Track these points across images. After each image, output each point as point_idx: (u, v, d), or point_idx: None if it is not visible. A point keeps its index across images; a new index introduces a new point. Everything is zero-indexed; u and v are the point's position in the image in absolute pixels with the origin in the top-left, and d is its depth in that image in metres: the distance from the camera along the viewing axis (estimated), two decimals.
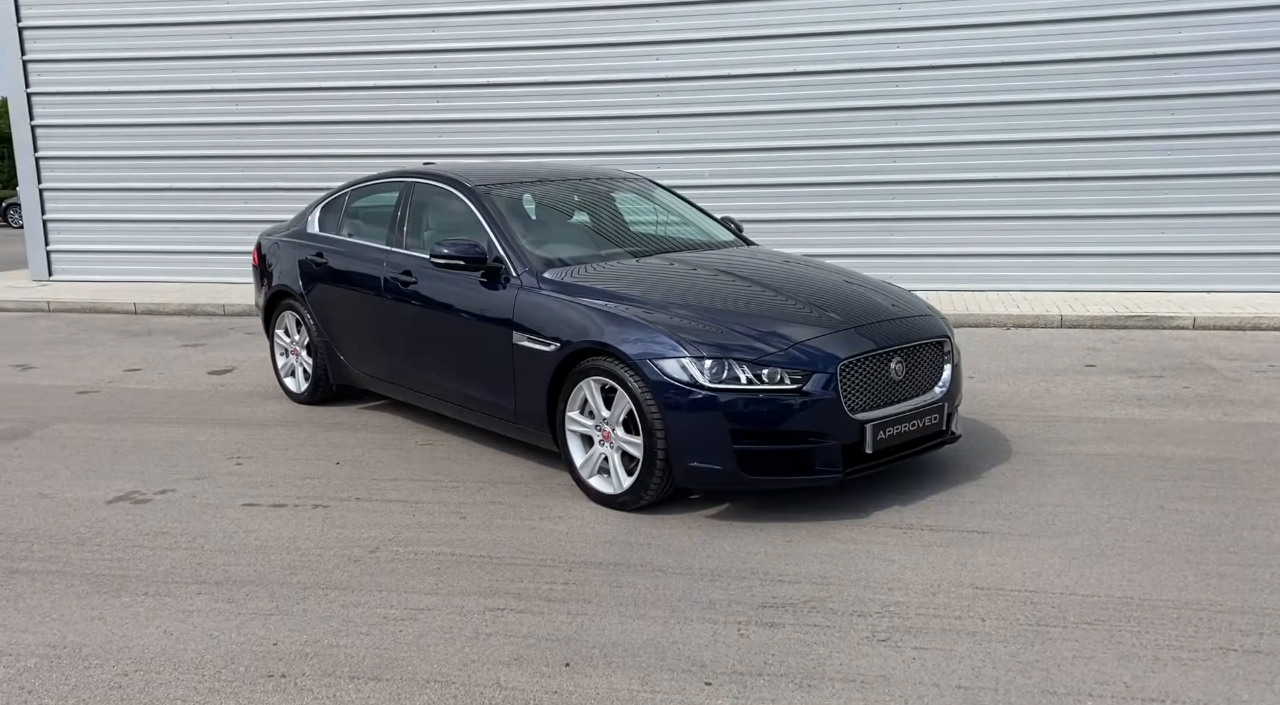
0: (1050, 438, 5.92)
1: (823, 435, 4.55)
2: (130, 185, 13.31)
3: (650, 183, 6.80)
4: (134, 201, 13.35)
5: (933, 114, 11.01)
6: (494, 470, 5.53)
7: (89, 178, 13.43)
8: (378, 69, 12.34)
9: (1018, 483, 5.15)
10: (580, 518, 4.79)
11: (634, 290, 5.05)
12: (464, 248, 5.43)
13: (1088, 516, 4.68)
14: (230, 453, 5.95)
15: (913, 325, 5.01)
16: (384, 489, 5.27)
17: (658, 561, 4.26)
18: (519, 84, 11.99)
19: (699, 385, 4.51)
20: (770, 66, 11.30)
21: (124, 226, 13.44)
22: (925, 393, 4.95)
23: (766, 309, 4.90)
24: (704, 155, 11.66)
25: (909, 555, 4.28)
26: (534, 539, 4.54)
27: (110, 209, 13.42)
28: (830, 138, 11.28)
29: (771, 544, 4.43)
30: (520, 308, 5.25)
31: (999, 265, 11.09)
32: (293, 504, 5.07)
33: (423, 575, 4.17)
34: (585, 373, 4.88)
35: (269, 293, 7.20)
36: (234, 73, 12.74)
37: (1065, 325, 9.45)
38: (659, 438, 4.59)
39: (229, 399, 7.30)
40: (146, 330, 10.47)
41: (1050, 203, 10.91)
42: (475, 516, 4.84)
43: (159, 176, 13.22)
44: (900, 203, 11.25)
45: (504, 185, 6.06)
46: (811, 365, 4.57)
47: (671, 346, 4.61)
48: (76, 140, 13.38)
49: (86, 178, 13.43)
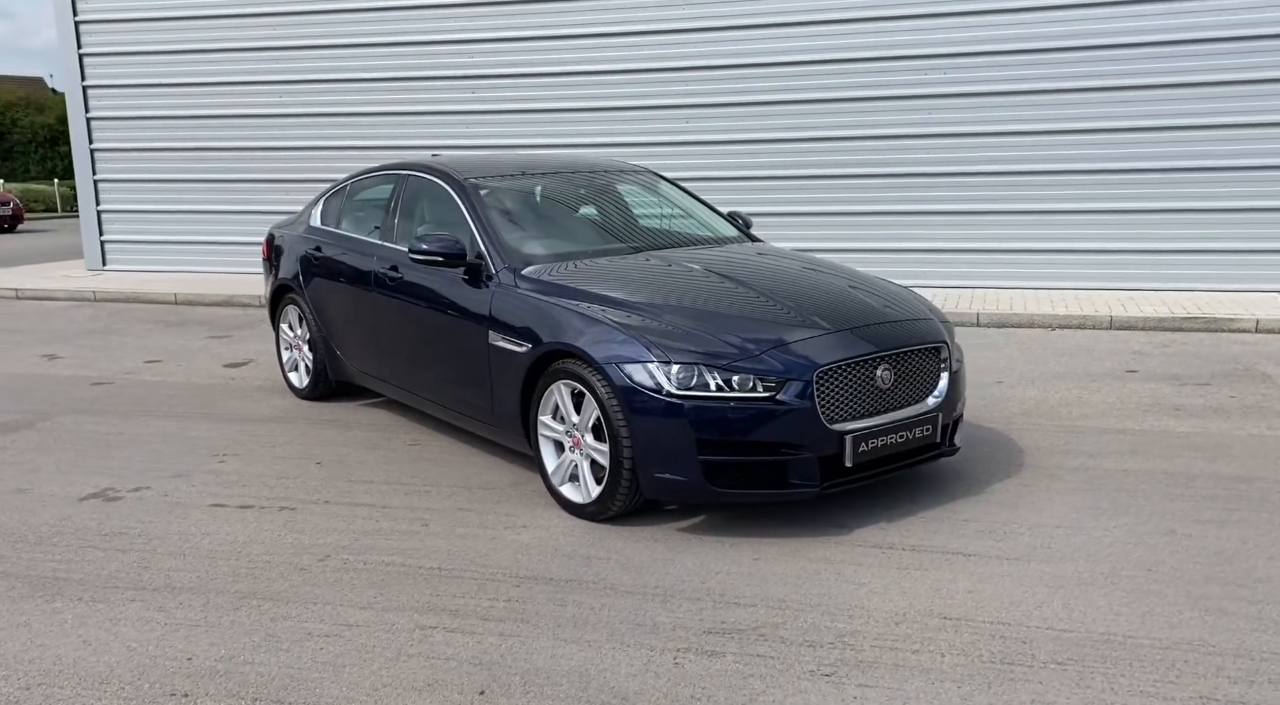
0: (1069, 450, 5.53)
1: (797, 447, 4.26)
2: (180, 176, 13.47)
3: (655, 176, 6.55)
4: (184, 192, 13.50)
5: (977, 103, 10.53)
6: (474, 474, 5.34)
7: (141, 169, 13.62)
8: (416, 60, 12.26)
9: (1020, 500, 4.80)
10: (546, 528, 4.57)
11: (612, 290, 4.81)
12: (443, 244, 5.25)
13: (1088, 539, 4.31)
14: (217, 450, 5.87)
15: (905, 329, 4.69)
16: (356, 492, 5.12)
17: (612, 578, 4.03)
18: (548, 74, 11.81)
19: (664, 392, 4.26)
20: (804, 54, 10.92)
21: (174, 217, 13.61)
22: (916, 403, 4.62)
23: (747, 311, 4.62)
24: (733, 146, 11.33)
25: (881, 578, 3.98)
26: (491, 550, 4.33)
27: (161, 200, 13.60)
28: (869, 128, 10.87)
29: (737, 562, 4.16)
30: (496, 306, 5.05)
31: (1049, 263, 10.58)
32: (260, 506, 4.94)
33: (364, 587, 3.99)
34: (556, 376, 4.66)
35: (273, 286, 7.12)
36: (279, 64, 12.78)
37: (1115, 327, 8.95)
38: (624, 446, 4.35)
39: (236, 393, 7.24)
40: (181, 321, 10.53)
41: (1105, 196, 10.36)
42: (439, 524, 4.66)
43: (208, 168, 13.35)
44: (942, 196, 10.80)
45: (496, 179, 5.87)
46: (786, 372, 4.28)
47: (639, 350, 4.36)
48: (129, 132, 13.58)
49: (139, 169, 13.63)
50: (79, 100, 13.58)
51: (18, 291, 12.43)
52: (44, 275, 13.67)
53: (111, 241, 13.95)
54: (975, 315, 9.25)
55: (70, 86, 13.61)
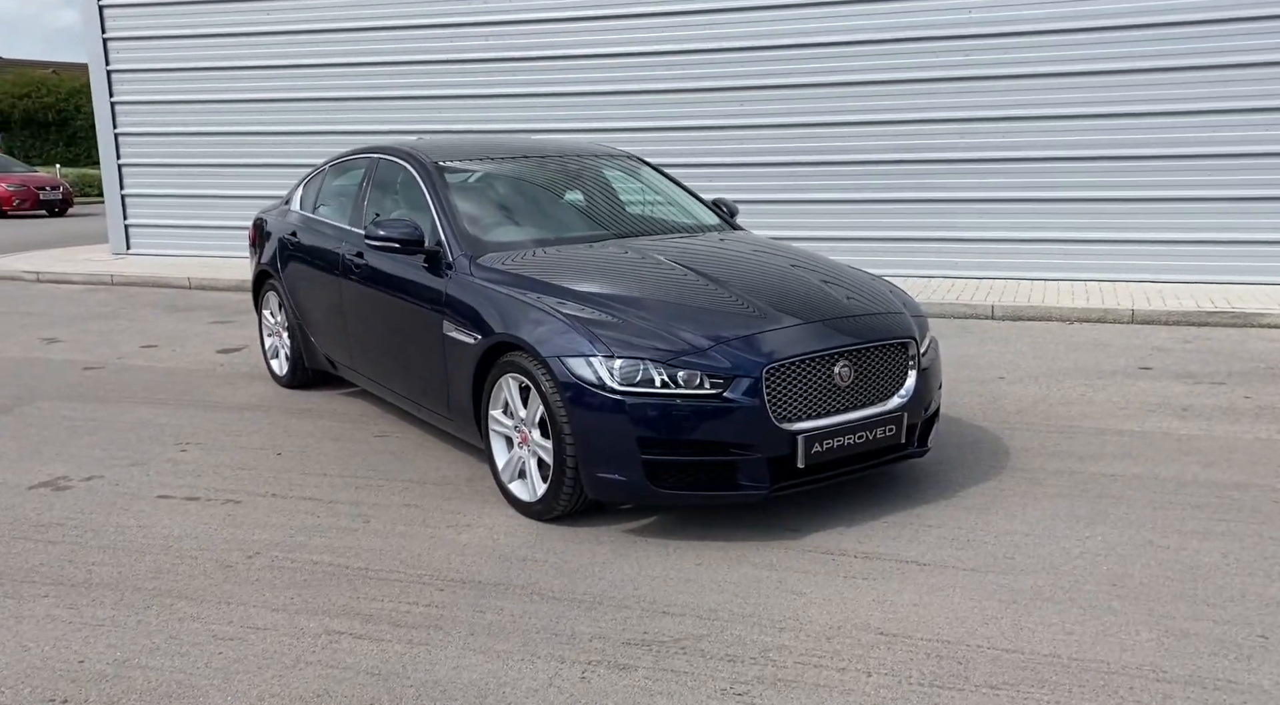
0: (1058, 452, 5.24)
1: (746, 447, 4.04)
2: (202, 161, 13.48)
3: (637, 161, 6.32)
4: (206, 177, 13.51)
5: (996, 86, 10.13)
6: (431, 469, 5.18)
7: (164, 154, 13.66)
8: (434, 43, 12.12)
9: (993, 505, 4.53)
10: (489, 527, 4.40)
11: (567, 281, 4.61)
12: (400, 229, 5.08)
13: (1056, 549, 4.04)
14: (183, 438, 5.77)
15: (869, 323, 4.43)
16: (307, 485, 4.98)
17: (543, 583, 3.84)
18: (565, 58, 11.60)
19: (606, 387, 4.06)
20: (823, 35, 10.59)
21: (196, 202, 13.63)
22: (879, 402, 4.37)
23: (703, 304, 4.39)
24: (735, 131, 11.05)
25: (824, 588, 3.74)
26: (426, 550, 4.17)
27: (184, 184, 13.63)
28: (882, 113, 10.52)
29: (678, 567, 3.95)
30: (450, 295, 4.88)
31: (1070, 253, 10.16)
32: (206, 498, 4.83)
33: (284, 588, 3.85)
34: (504, 369, 4.48)
35: (255, 271, 7.02)
36: (301, 48, 12.72)
37: (1136, 321, 8.56)
38: (567, 444, 4.16)
39: (220, 380, 7.16)
40: (190, 306, 10.51)
41: (1131, 183, 9.91)
42: (381, 520, 4.50)
43: (229, 153, 13.34)
44: (958, 182, 10.42)
45: (465, 162, 5.69)
46: (735, 368, 4.05)
47: (582, 344, 4.16)
48: (153, 117, 13.60)
49: (162, 154, 13.67)
50: (103, 84, 13.64)
51: (38, 274, 12.52)
52: (67, 259, 13.77)
53: (136, 225, 14.02)
54: (990, 308, 8.92)
55: (95, 70, 13.67)
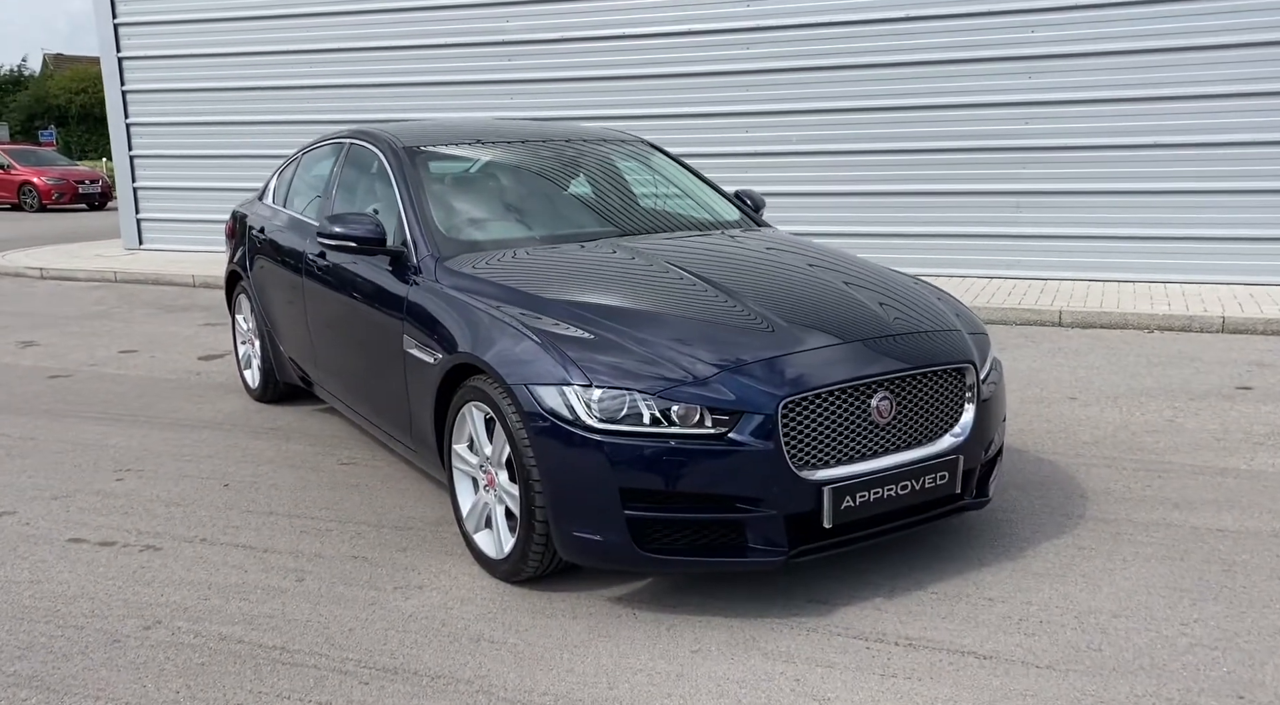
0: (1146, 497, 4.32)
1: (756, 501, 3.19)
2: (214, 152, 12.86)
3: (649, 146, 5.47)
4: (220, 170, 12.88)
5: (1070, 65, 9.13)
6: (394, 509, 4.39)
7: (177, 145, 13.07)
8: (452, 25, 11.36)
9: (1070, 570, 3.63)
10: (445, 590, 3.59)
11: (545, 289, 3.78)
12: (358, 225, 4.28)
13: (1157, 639, 3.14)
14: (125, 463, 5.04)
15: (915, 345, 3.55)
16: (246, 527, 4.21)
17: (495, 677, 3.02)
18: (592, 39, 10.79)
19: (582, 424, 3.22)
20: (881, 10, 9.65)
21: (210, 196, 12.98)
22: (928, 443, 3.49)
23: (707, 318, 3.54)
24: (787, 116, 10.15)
25: (854, 692, 2.88)
26: (362, 622, 3.37)
27: (197, 177, 13.01)
28: (948, 96, 9.56)
29: (669, 655, 3.11)
30: (412, 304, 4.07)
31: (1150, 251, 9.15)
32: (124, 543, 4.07)
33: (175, 675, 3.06)
34: (468, 396, 3.66)
35: (227, 271, 6.28)
36: (311, 33, 12.04)
37: (1227, 329, 7.55)
38: (536, 492, 3.34)
39: (191, 392, 6.43)
40: (187, 305, 9.85)
41: (1222, 173, 8.88)
42: (317, 578, 3.71)
43: (241, 143, 12.70)
44: (1024, 173, 9.43)
45: (444, 147, 4.89)
46: (743, 401, 3.20)
47: (555, 369, 3.33)
48: (165, 106, 13.01)
49: (174, 145, 13.09)
50: (114, 71, 13.06)
51: (43, 271, 11.97)
52: (76, 254, 13.23)
53: (148, 220, 13.44)
54: (1057, 313, 7.95)
55: (106, 57, 13.09)
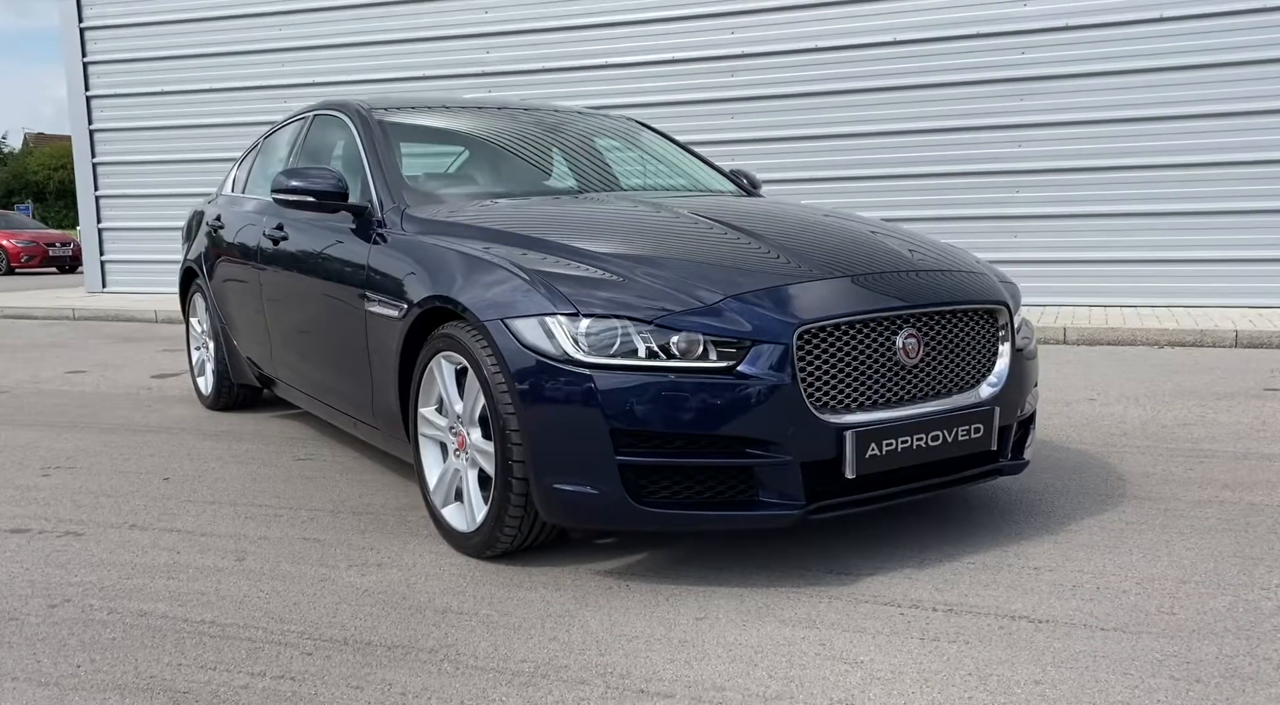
0: (1192, 479, 3.90)
1: (769, 445, 2.74)
2: (182, 191, 12.47)
3: (638, 123, 5.12)
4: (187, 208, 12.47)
5: (1062, 87, 8.94)
6: (354, 496, 3.91)
7: (142, 184, 12.70)
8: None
9: (1123, 542, 3.19)
10: (407, 567, 3.10)
11: (532, 230, 3.36)
12: (315, 178, 3.88)
13: (1238, 602, 2.70)
14: (55, 461, 4.54)
15: (942, 282, 3.15)
16: (184, 514, 3.71)
17: (464, 645, 2.54)
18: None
19: (569, 359, 2.79)
20: (868, 35, 9.47)
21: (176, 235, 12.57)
22: (961, 391, 3.07)
23: (715, 255, 3.14)
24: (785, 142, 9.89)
25: (891, 655, 2.42)
26: (309, 597, 2.88)
27: (164, 216, 12.60)
28: (938, 119, 9.33)
29: (670, 622, 2.63)
30: (375, 257, 3.65)
31: (1156, 275, 8.87)
32: (41, 529, 3.57)
33: (79, 649, 2.56)
34: (437, 347, 3.22)
35: (181, 270, 5.85)
36: (285, 68, 11.78)
37: (1242, 343, 7.21)
38: (514, 444, 2.88)
39: (139, 403, 5.94)
40: (147, 337, 9.38)
41: (1222, 194, 8.64)
42: (260, 558, 3.22)
43: (211, 182, 12.32)
44: (1026, 196, 9.17)
45: (412, 111, 4.51)
46: (754, 331, 2.78)
47: (536, 300, 2.90)
48: (132, 144, 12.67)
49: (140, 184, 12.72)
50: (82, 110, 12.73)
51: (1, 309, 11.48)
52: (35, 295, 12.75)
53: (112, 262, 13.00)
54: (1061, 330, 7.60)
55: (73, 96, 12.77)
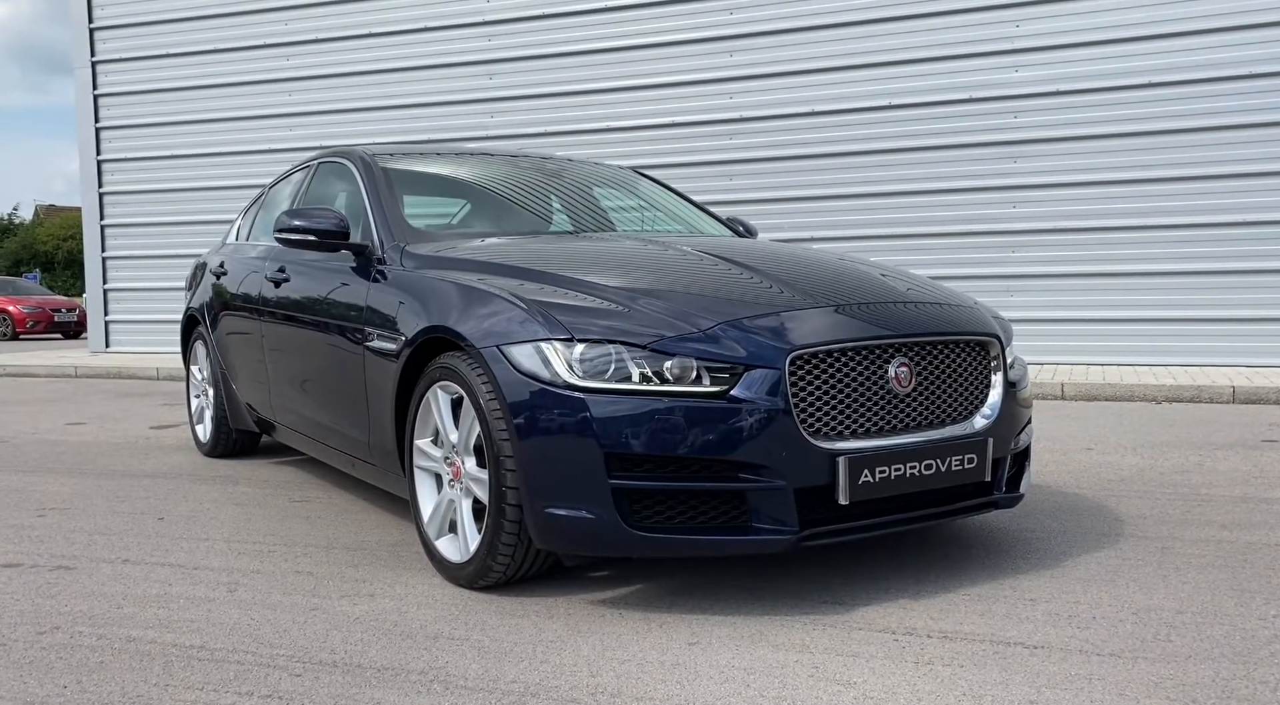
0: (1190, 520, 3.89)
1: (761, 469, 2.75)
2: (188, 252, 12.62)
3: (636, 172, 5.21)
4: None
5: (1054, 150, 9.08)
6: (348, 534, 3.90)
7: (151, 245, 12.86)
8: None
9: (1119, 576, 3.17)
10: (399, 597, 3.09)
11: (532, 263, 3.40)
12: (319, 218, 3.94)
13: (1234, 631, 2.68)
14: (51, 504, 4.53)
15: (933, 314, 3.18)
16: (177, 551, 3.70)
17: (454, 668, 2.52)
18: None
19: (563, 383, 2.81)
20: (863, 100, 9.65)
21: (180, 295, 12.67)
22: (955, 422, 3.08)
23: (710, 285, 3.18)
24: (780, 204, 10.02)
25: (884, 677, 2.39)
26: (300, 624, 2.86)
27: (169, 277, 12.71)
28: (934, 181, 9.46)
29: (662, 646, 2.61)
30: (374, 294, 3.70)
31: (1151, 334, 8.91)
32: (33, 564, 3.56)
33: (65, 672, 2.55)
34: (433, 379, 3.24)
35: (184, 318, 5.90)
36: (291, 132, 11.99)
37: (1239, 399, 7.22)
38: (508, 470, 2.89)
39: (137, 451, 5.95)
40: (147, 393, 9.40)
41: (1214, 254, 8.72)
42: (251, 589, 3.20)
43: None
44: (1022, 256, 9.26)
45: (414, 158, 4.60)
46: (747, 356, 2.80)
47: (533, 326, 2.93)
48: (140, 206, 12.85)
49: (149, 245, 12.87)
50: (93, 175, 12.93)
51: (3, 367, 11.52)
52: (37, 356, 12.81)
53: (116, 322, 13.08)
54: (1059, 386, 7.62)
55: (85, 160, 12.98)
